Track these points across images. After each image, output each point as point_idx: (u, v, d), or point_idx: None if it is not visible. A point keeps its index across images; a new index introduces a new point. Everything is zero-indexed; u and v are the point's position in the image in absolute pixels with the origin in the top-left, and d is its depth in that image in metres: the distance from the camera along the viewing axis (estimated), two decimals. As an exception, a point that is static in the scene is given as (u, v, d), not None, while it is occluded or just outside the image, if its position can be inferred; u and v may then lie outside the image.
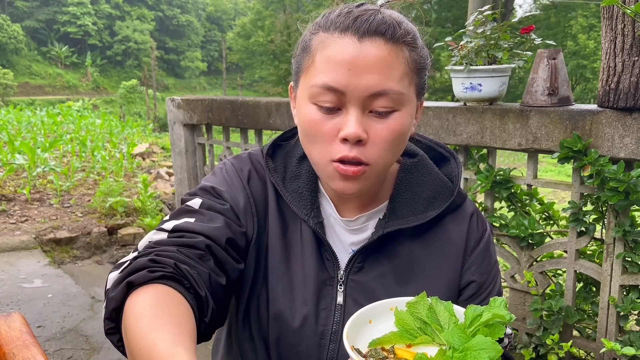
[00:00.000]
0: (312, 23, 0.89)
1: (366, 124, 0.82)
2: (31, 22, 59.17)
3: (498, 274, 1.02)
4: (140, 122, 17.13)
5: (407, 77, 0.84)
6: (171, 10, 67.48)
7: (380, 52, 0.80)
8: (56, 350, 3.03)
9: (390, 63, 0.81)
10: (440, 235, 0.97)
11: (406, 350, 0.73)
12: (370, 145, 0.83)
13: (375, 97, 0.81)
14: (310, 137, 0.86)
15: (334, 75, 0.80)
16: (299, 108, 0.88)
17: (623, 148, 1.95)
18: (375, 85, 0.80)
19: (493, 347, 0.64)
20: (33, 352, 0.78)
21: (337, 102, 0.82)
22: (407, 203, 0.95)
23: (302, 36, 0.90)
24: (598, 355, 2.18)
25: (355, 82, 0.80)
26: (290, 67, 0.93)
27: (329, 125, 0.83)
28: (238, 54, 39.06)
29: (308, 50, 0.86)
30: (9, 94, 39.65)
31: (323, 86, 0.81)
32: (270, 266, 0.95)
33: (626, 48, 1.89)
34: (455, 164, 1.03)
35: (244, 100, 3.54)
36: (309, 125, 0.85)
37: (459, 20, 23.06)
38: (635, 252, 2.02)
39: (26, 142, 7.36)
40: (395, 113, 0.83)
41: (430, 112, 2.46)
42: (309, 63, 0.85)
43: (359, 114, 0.81)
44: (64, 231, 4.91)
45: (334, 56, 0.80)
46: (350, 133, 0.80)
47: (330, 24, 0.84)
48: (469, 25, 2.36)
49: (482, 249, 0.99)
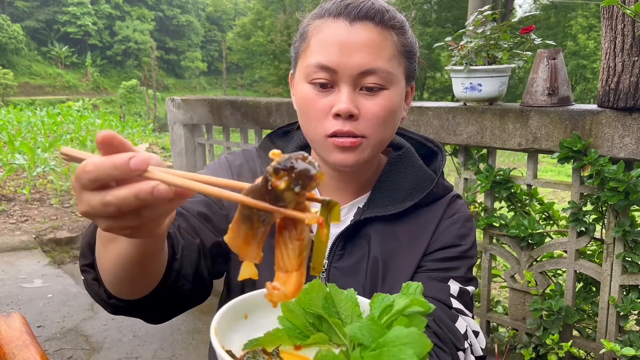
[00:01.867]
0: (309, 14, 0.97)
1: (357, 101, 0.89)
2: (31, 22, 59.15)
3: (465, 262, 0.96)
4: (140, 122, 17.12)
5: (396, 59, 0.90)
6: (171, 10, 67.46)
7: (369, 34, 0.87)
8: (56, 350, 3.03)
9: (379, 44, 0.88)
10: (415, 224, 0.98)
11: (294, 353, 0.57)
12: (362, 121, 0.89)
13: (365, 75, 0.87)
14: (305, 115, 0.92)
15: (327, 55, 0.87)
16: (296, 89, 0.94)
17: (623, 148, 1.95)
18: (365, 64, 0.87)
19: (419, 340, 0.48)
20: (33, 352, 0.78)
21: (330, 79, 0.88)
22: (387, 193, 0.99)
23: (300, 26, 0.97)
24: (598, 355, 2.18)
25: (346, 60, 0.87)
26: (290, 56, 1.01)
27: (322, 102, 0.89)
28: (238, 54, 39.04)
29: (304, 36, 0.93)
30: (9, 94, 39.63)
31: (317, 65, 0.88)
32: None
33: (626, 48, 1.89)
34: (441, 157, 1.05)
35: (244, 100, 3.54)
36: (304, 103, 0.91)
37: (459, 20, 23.06)
38: (635, 252, 2.02)
39: (26, 142, 7.36)
40: (384, 91, 0.89)
41: (430, 112, 2.47)
42: (304, 47, 0.92)
43: (350, 91, 0.88)
44: (64, 231, 4.91)
45: (327, 38, 0.88)
46: (342, 108, 0.87)
47: (325, 11, 0.92)
48: (469, 25, 2.36)
49: (454, 220, 0.98)
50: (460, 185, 2.52)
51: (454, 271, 0.95)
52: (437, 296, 0.91)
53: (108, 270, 0.74)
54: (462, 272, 0.96)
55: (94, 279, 0.79)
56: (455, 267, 0.96)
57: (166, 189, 0.50)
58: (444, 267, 0.95)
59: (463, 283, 0.95)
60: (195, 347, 3.03)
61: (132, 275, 0.73)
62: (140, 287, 0.79)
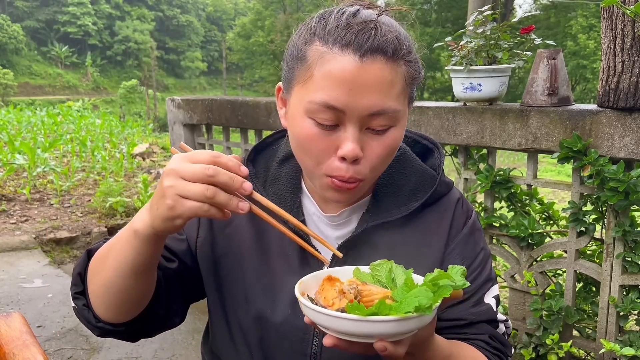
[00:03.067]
0: (305, 26, 0.87)
1: (362, 141, 0.83)
2: (31, 22, 59.16)
3: (487, 262, 1.00)
4: (140, 122, 17.12)
5: (404, 92, 0.85)
6: (171, 10, 67.50)
7: (381, 71, 0.80)
8: (56, 350, 3.03)
9: (390, 82, 0.81)
10: (422, 225, 0.97)
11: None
12: (365, 162, 0.84)
13: (374, 116, 0.81)
14: (305, 150, 0.86)
15: (335, 94, 0.79)
16: (293, 119, 0.87)
17: (623, 148, 1.95)
18: (375, 105, 0.80)
19: (426, 296, 0.66)
20: (33, 352, 0.78)
21: (336, 119, 0.82)
22: (390, 196, 0.96)
23: (295, 40, 0.88)
24: (598, 355, 2.18)
25: (355, 101, 0.79)
26: (282, 64, 0.92)
27: (326, 141, 0.83)
28: (238, 54, 39.07)
29: (304, 60, 0.84)
30: (9, 94, 39.64)
31: (323, 104, 0.80)
32: (246, 270, 0.97)
33: (626, 48, 1.89)
34: (439, 154, 1.03)
35: (244, 100, 3.54)
36: (305, 139, 0.85)
37: (459, 20, 23.05)
38: (635, 252, 2.02)
39: (26, 142, 7.36)
40: (391, 129, 0.85)
41: (430, 112, 2.47)
42: (306, 76, 0.83)
43: (357, 132, 0.82)
44: (64, 231, 4.91)
45: (335, 73, 0.79)
46: (349, 153, 0.81)
47: (329, 35, 0.81)
48: (469, 25, 2.36)
49: (466, 234, 0.99)
50: (460, 185, 2.52)
51: (477, 279, 0.98)
52: (484, 318, 0.97)
53: (101, 291, 0.87)
54: (486, 274, 1.00)
55: (84, 304, 0.91)
56: (477, 276, 0.99)
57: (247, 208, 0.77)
58: (476, 286, 0.98)
59: (492, 285, 1.01)
60: (195, 347, 3.03)
61: (125, 288, 0.85)
62: (129, 307, 0.90)
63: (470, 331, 0.96)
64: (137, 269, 0.84)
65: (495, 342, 0.97)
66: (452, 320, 0.96)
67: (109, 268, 0.85)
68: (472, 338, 0.96)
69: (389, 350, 0.68)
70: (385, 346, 0.68)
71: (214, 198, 0.73)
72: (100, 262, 0.88)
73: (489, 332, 0.97)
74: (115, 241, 0.86)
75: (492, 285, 1.00)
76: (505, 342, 1.00)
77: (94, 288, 0.88)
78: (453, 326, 0.96)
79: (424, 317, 0.67)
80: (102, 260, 0.88)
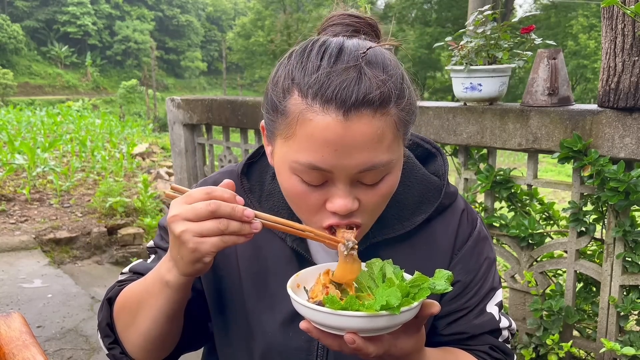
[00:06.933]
0: (285, 64, 0.80)
1: (356, 192, 0.79)
2: (31, 22, 59.14)
3: (490, 271, 0.99)
4: (140, 122, 17.12)
5: (396, 138, 0.78)
6: (171, 10, 67.45)
7: (368, 127, 0.73)
8: (56, 350, 3.03)
9: (379, 136, 0.74)
10: (426, 239, 0.95)
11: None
12: (362, 210, 0.80)
13: (365, 172, 0.76)
14: (294, 204, 0.84)
15: (320, 155, 0.74)
16: (279, 170, 0.83)
17: (623, 148, 1.95)
18: (365, 163, 0.75)
19: (395, 295, 0.69)
20: (33, 352, 0.78)
21: (323, 178, 0.77)
22: (393, 211, 0.92)
23: (275, 80, 0.80)
24: (598, 355, 2.18)
25: (342, 162, 0.74)
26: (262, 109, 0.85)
27: (316, 196, 0.79)
28: (238, 54, 39.05)
29: (284, 115, 0.77)
30: (9, 94, 39.62)
31: (308, 165, 0.75)
32: (245, 289, 0.96)
33: (626, 48, 1.89)
34: (442, 160, 0.99)
35: (244, 100, 3.54)
36: (294, 196, 0.82)
37: (459, 20, 23.05)
38: (635, 252, 2.02)
39: (26, 142, 7.36)
40: (385, 177, 0.80)
41: (430, 112, 2.47)
42: (288, 133, 0.77)
43: (348, 187, 0.77)
44: (64, 231, 4.91)
45: (318, 135, 0.73)
46: (340, 209, 0.78)
47: (309, 88, 0.74)
48: (469, 25, 2.36)
49: (470, 247, 0.97)
50: (460, 185, 2.52)
51: (479, 292, 0.97)
52: (486, 329, 0.96)
53: (140, 341, 0.90)
54: (489, 284, 0.98)
55: (121, 352, 0.93)
56: (479, 289, 0.98)
57: (260, 226, 0.78)
58: (469, 295, 0.97)
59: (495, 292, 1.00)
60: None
61: (163, 334, 0.89)
62: (166, 347, 0.94)
63: (472, 343, 0.96)
64: (173, 314, 0.87)
65: (497, 352, 0.97)
66: (454, 335, 0.96)
67: (146, 319, 0.87)
68: (474, 349, 0.95)
69: (357, 344, 0.70)
70: (354, 339, 0.69)
71: (228, 228, 0.75)
72: (130, 314, 0.90)
73: (490, 342, 0.97)
74: (143, 293, 0.88)
75: (495, 293, 0.99)
76: (507, 350, 0.99)
77: (132, 339, 0.91)
78: (455, 340, 0.96)
79: (394, 317, 0.69)
80: (133, 312, 0.89)
